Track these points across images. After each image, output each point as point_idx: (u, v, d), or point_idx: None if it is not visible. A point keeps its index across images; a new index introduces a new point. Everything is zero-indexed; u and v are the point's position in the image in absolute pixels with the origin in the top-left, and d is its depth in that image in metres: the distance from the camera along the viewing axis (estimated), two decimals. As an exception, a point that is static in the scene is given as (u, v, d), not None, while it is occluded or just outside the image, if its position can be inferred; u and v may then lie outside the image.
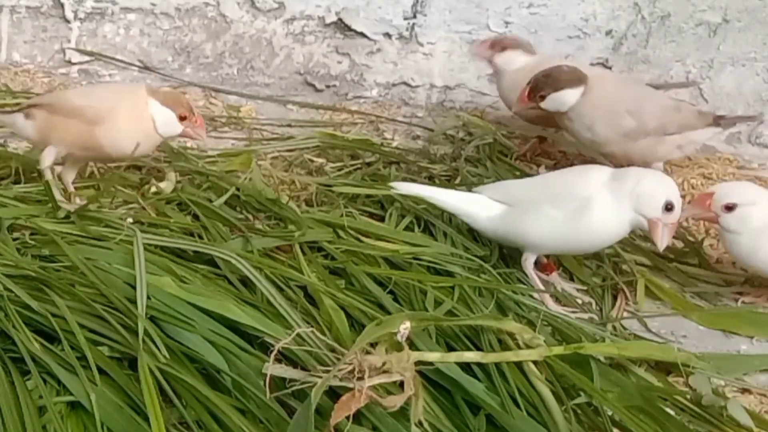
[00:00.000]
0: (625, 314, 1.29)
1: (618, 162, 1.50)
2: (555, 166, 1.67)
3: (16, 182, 1.37)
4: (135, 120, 1.31)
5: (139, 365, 0.95)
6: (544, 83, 1.50)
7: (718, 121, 1.58)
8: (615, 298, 1.32)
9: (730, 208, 1.28)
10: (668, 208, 1.22)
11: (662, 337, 1.24)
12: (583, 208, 1.24)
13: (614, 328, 1.24)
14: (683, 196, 1.63)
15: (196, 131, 1.35)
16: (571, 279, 1.35)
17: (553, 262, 1.34)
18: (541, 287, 1.28)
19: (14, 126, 1.38)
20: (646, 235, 1.48)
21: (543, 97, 1.50)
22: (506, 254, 1.36)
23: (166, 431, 0.91)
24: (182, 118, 1.33)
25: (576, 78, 1.50)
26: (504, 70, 1.68)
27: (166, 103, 1.32)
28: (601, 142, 1.52)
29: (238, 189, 1.39)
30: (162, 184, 1.38)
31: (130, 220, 1.25)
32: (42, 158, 1.33)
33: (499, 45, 1.68)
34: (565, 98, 1.50)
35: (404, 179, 1.55)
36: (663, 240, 1.23)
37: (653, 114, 1.53)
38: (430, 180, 1.57)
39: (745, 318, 1.30)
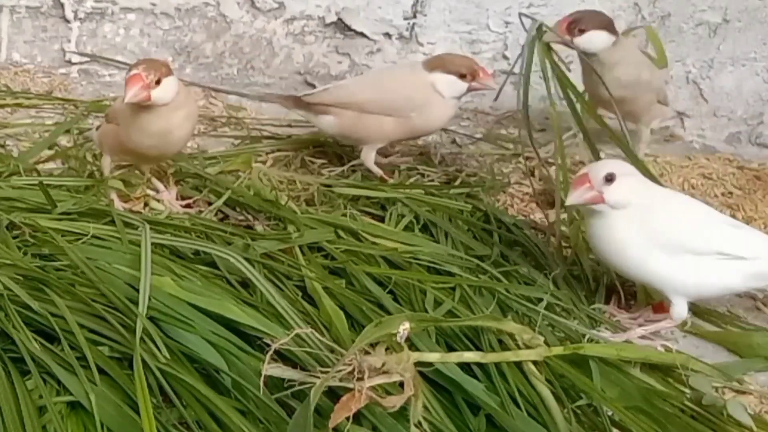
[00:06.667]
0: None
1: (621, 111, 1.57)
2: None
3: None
4: None
5: (134, 363, 0.95)
6: (582, 18, 1.55)
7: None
8: (615, 299, 1.32)
9: (609, 179, 1.21)
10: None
11: (662, 338, 1.24)
12: None
13: (614, 326, 1.25)
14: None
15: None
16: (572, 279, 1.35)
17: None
18: None
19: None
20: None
21: (582, 31, 1.55)
22: (506, 254, 1.36)
23: (166, 431, 0.92)
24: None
25: (612, 26, 1.58)
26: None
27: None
28: (623, 85, 1.57)
29: (235, 192, 1.39)
30: (160, 197, 1.38)
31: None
32: (102, 166, 1.37)
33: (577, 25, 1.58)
34: (600, 39, 1.56)
35: (406, 178, 1.56)
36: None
37: (657, 78, 1.65)
38: (430, 180, 1.58)
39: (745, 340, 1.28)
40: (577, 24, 1.55)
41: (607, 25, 1.57)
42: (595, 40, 1.55)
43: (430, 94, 1.50)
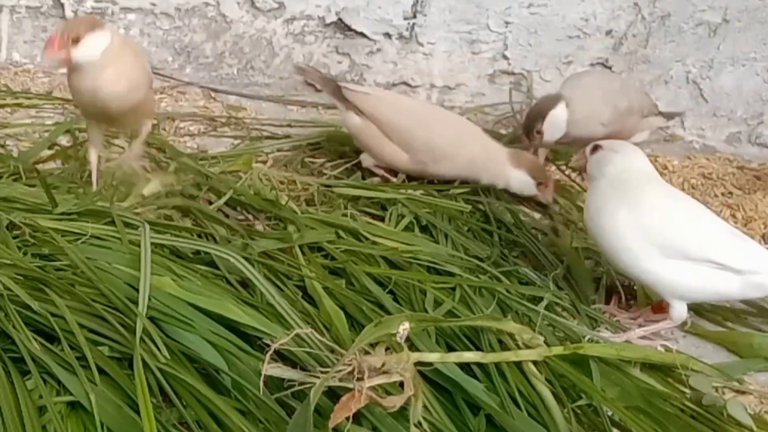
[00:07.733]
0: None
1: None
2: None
3: (16, 181, 1.37)
4: None
5: (134, 363, 0.95)
6: (532, 122, 1.59)
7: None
8: (615, 299, 1.32)
9: (596, 148, 1.27)
10: None
11: (662, 338, 1.24)
12: None
13: (614, 326, 1.25)
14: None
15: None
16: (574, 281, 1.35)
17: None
18: None
19: None
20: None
21: (540, 133, 1.58)
22: (506, 254, 1.36)
23: (166, 431, 0.92)
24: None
25: (552, 100, 1.59)
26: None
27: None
28: (607, 124, 1.60)
29: (236, 192, 1.39)
30: (151, 185, 1.37)
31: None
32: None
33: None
34: (557, 121, 1.58)
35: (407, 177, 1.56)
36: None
37: (635, 98, 1.67)
38: (430, 182, 1.58)
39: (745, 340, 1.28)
40: (532, 129, 1.59)
41: (546, 106, 1.58)
42: (554, 126, 1.58)
43: (471, 155, 1.50)
